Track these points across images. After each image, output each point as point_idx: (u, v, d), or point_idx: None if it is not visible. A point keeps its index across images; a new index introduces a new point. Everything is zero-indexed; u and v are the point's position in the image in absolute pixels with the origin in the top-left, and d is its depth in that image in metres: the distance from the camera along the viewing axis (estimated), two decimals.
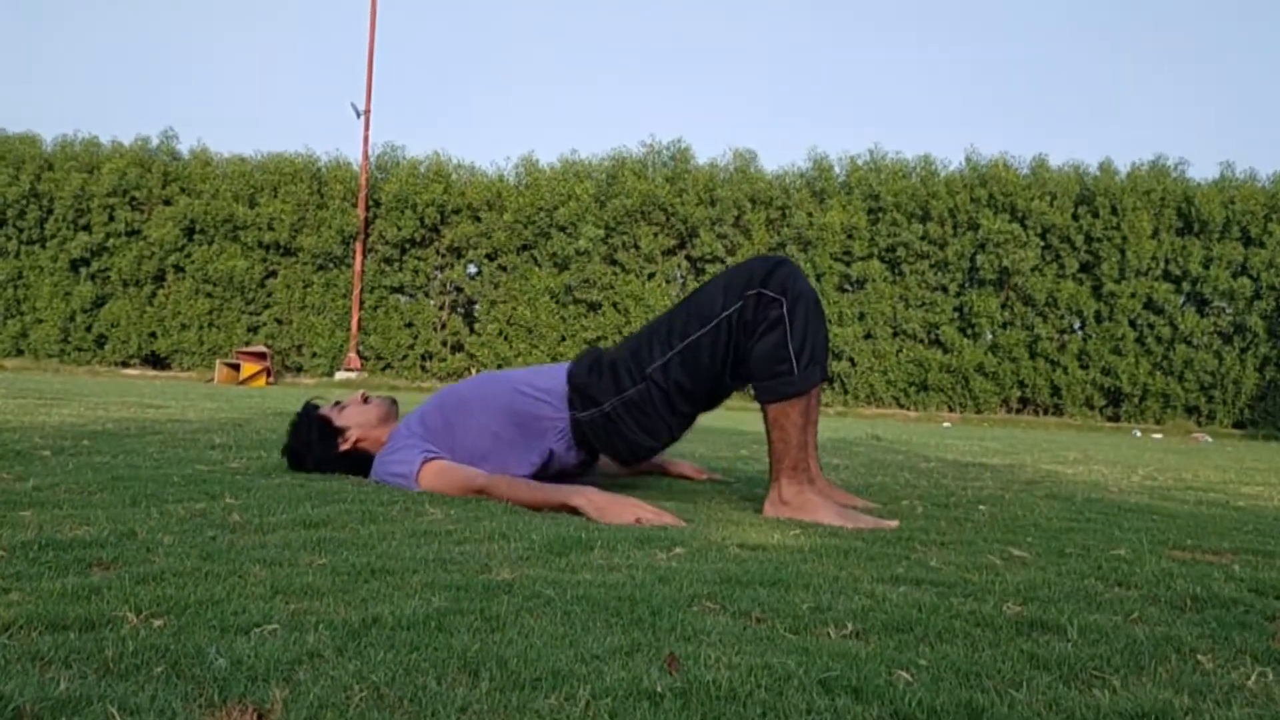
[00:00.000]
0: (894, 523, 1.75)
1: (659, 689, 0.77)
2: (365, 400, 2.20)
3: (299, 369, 14.23)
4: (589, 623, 0.96)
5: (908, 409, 13.05)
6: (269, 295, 14.35)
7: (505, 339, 13.84)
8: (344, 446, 2.14)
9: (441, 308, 14.29)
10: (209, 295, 14.32)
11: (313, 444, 2.14)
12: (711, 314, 1.88)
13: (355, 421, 2.16)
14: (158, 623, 0.89)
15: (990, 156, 13.39)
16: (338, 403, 2.22)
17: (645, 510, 1.66)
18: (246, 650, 0.81)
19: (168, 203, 14.51)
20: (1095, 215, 12.82)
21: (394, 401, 2.23)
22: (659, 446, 2.00)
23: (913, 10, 45.57)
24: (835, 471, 2.90)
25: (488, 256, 14.01)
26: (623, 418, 1.94)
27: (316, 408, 2.21)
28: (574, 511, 1.71)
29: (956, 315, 13.13)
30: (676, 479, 2.46)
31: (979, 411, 12.93)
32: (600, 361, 2.00)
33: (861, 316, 13.19)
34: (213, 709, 0.70)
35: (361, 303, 14.06)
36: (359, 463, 2.14)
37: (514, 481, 1.85)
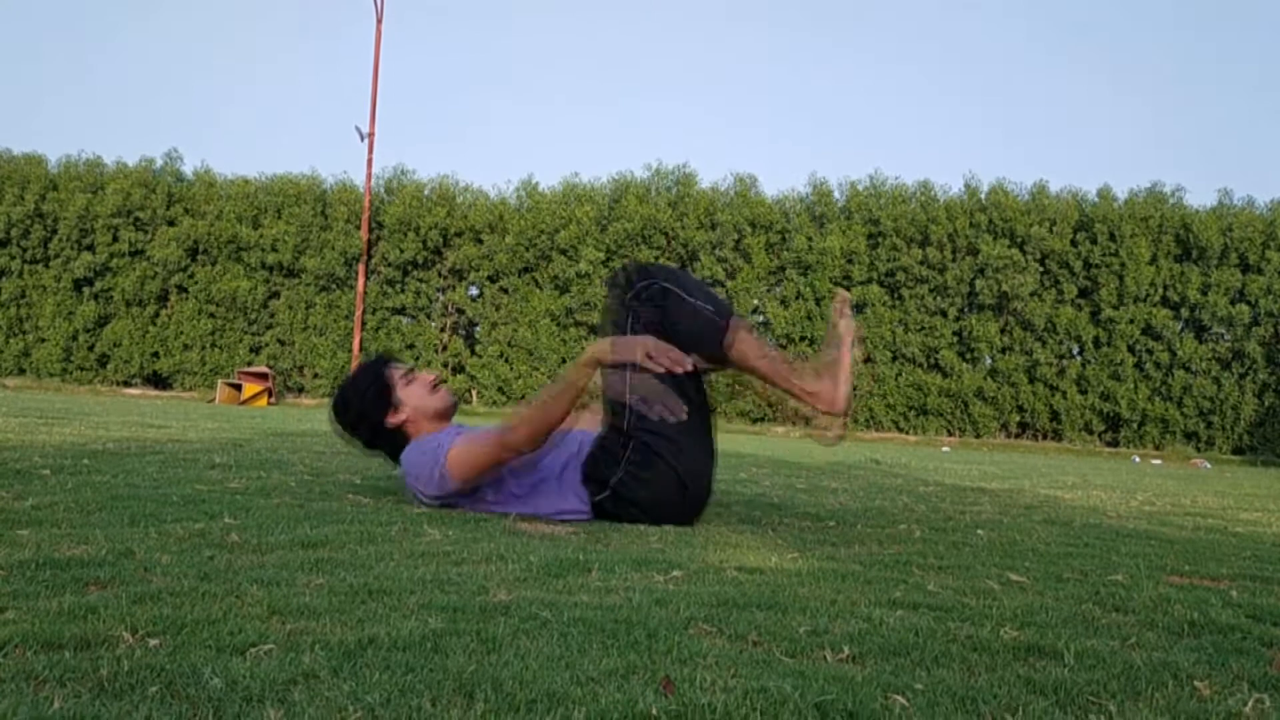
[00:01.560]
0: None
1: (654, 712, 0.76)
2: (435, 388, 2.10)
3: (301, 389, 14.23)
4: (585, 645, 0.96)
5: (907, 433, 13.04)
6: (271, 316, 14.39)
7: (506, 361, 13.86)
8: (392, 419, 2.05)
9: (443, 329, 14.32)
10: (212, 316, 14.36)
11: (366, 398, 2.05)
12: (620, 332, 1.95)
13: (415, 403, 2.06)
14: (154, 642, 0.89)
15: (990, 183, 13.49)
16: (411, 371, 2.12)
17: (649, 345, 1.76)
18: (242, 670, 0.81)
19: (171, 223, 14.59)
20: (1094, 241, 12.88)
21: (457, 402, 2.15)
22: (675, 495, 1.95)
23: (914, 39, 46.07)
24: (834, 495, 2.90)
25: (489, 279, 14.06)
26: (630, 487, 1.93)
27: (388, 364, 2.11)
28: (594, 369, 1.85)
29: (956, 340, 13.15)
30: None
31: (978, 436, 12.91)
32: (595, 449, 1.99)
33: (861, 340, 13.21)
34: None
35: (363, 324, 14.09)
36: (394, 442, 2.06)
37: (528, 411, 1.88)
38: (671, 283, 1.96)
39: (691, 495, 1.97)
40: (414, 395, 2.07)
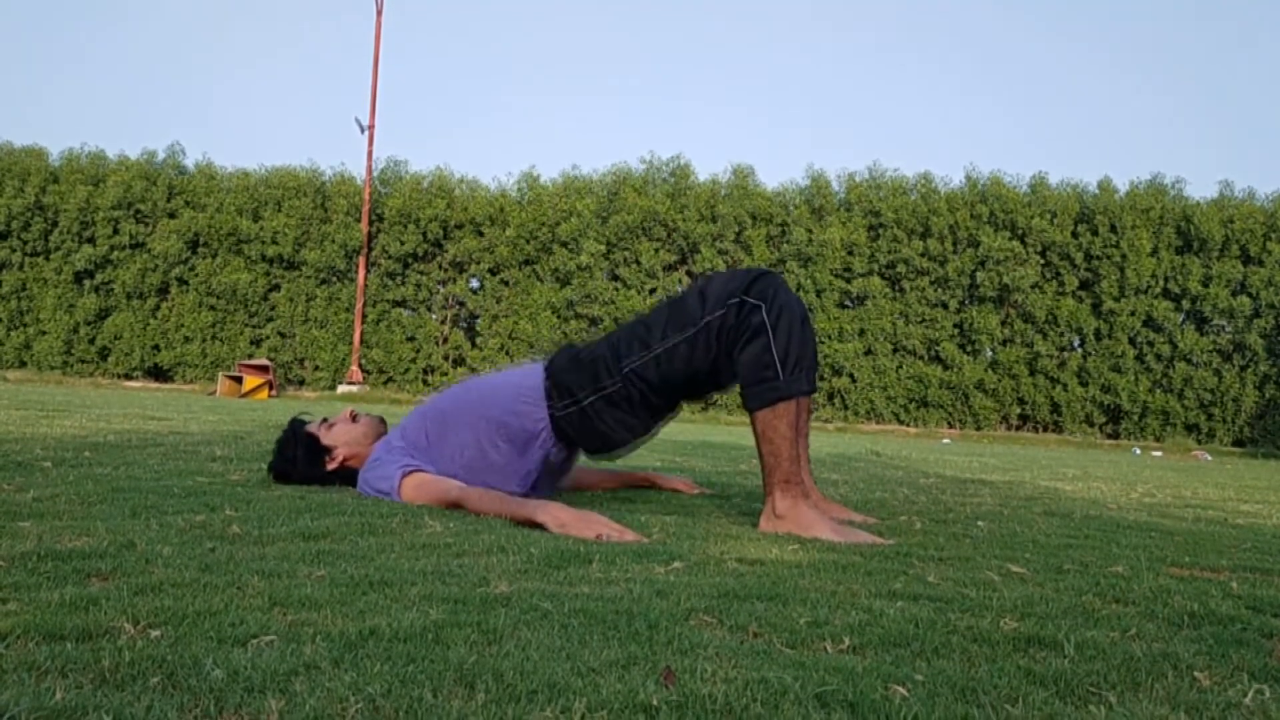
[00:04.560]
0: (889, 541, 1.75)
1: (655, 702, 0.77)
2: (354, 418, 2.20)
3: (301, 382, 14.24)
4: (586, 636, 0.96)
5: (908, 425, 13.04)
6: (272, 308, 14.39)
7: (507, 353, 13.85)
8: (331, 465, 2.15)
9: (443, 322, 14.32)
10: (212, 308, 14.35)
11: (298, 462, 2.14)
12: (692, 321, 1.90)
13: (343, 440, 2.17)
14: (155, 633, 0.89)
15: (989, 174, 13.46)
16: (325, 420, 2.23)
17: (609, 527, 1.65)
18: (243, 661, 0.82)
19: (172, 216, 14.57)
20: (1095, 233, 12.86)
21: (382, 420, 2.24)
22: (631, 439, 2.02)
23: (912, 30, 45.87)
24: (834, 487, 2.90)
25: (490, 271, 14.05)
26: (599, 413, 1.96)
27: (303, 424, 2.20)
28: (538, 526, 1.71)
29: (956, 332, 13.14)
30: (670, 493, 2.46)
31: (979, 428, 12.91)
32: (579, 356, 2.01)
33: (862, 333, 13.20)
34: None
35: (364, 316, 14.08)
36: (346, 480, 2.15)
37: (485, 494, 1.86)
38: (776, 320, 1.82)
39: (616, 447, 2.04)
40: (340, 434, 2.17)
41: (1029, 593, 1.30)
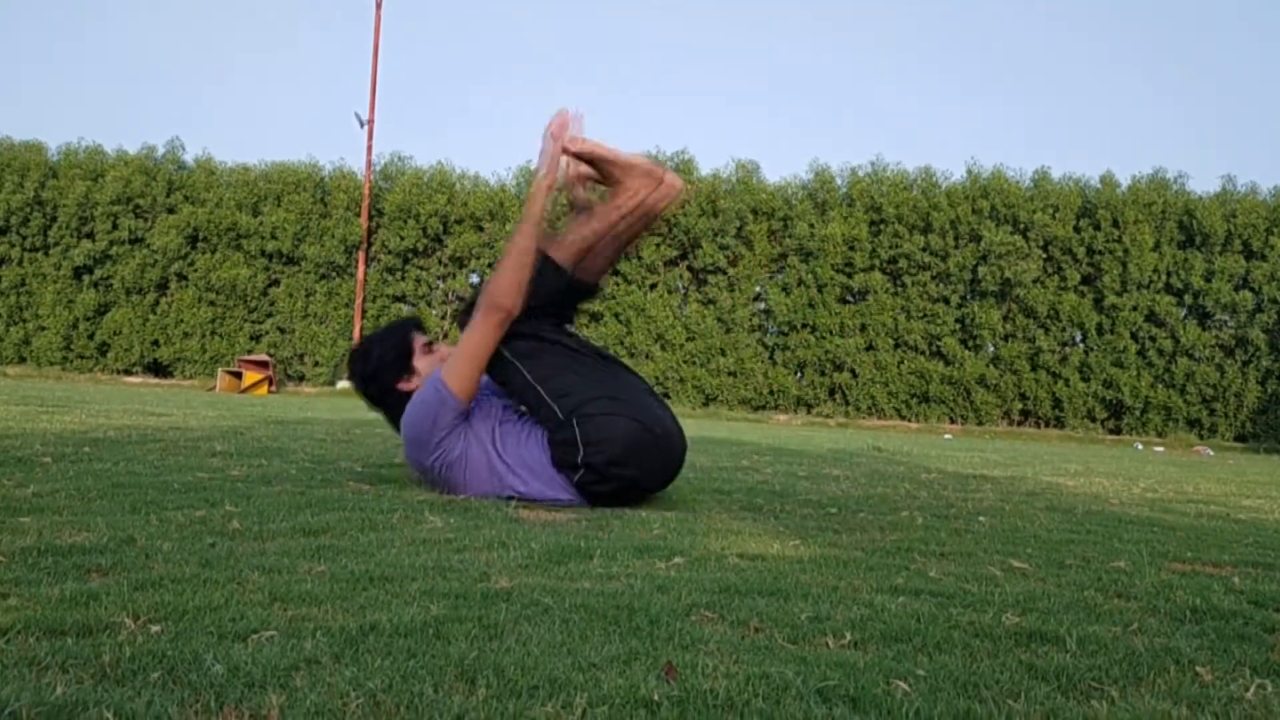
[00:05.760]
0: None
1: (656, 697, 0.77)
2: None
3: (301, 378, 14.24)
4: (587, 631, 0.96)
5: (909, 420, 13.04)
6: (271, 304, 14.38)
7: None
8: (404, 386, 2.10)
9: (444, 317, 14.31)
10: (212, 304, 14.35)
11: (385, 360, 2.11)
12: (500, 358, 2.01)
13: (428, 374, 2.10)
14: (155, 629, 0.89)
15: (991, 169, 13.42)
16: (431, 343, 2.17)
17: (549, 150, 1.96)
18: (244, 657, 0.81)
19: (171, 211, 14.55)
20: (1097, 228, 12.84)
21: None
22: (644, 440, 2.00)
23: (915, 26, 45.77)
24: (836, 483, 2.90)
25: (490, 266, 14.04)
26: (602, 450, 1.95)
27: (414, 329, 2.17)
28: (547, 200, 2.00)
29: (958, 327, 13.13)
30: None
31: (980, 423, 12.91)
32: (554, 449, 2.02)
33: (863, 328, 13.19)
34: (209, 715, 0.70)
35: (364, 312, 14.08)
36: (399, 405, 2.10)
37: (501, 278, 1.99)
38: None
39: (661, 437, 2.01)
40: (429, 366, 2.13)
41: (1031, 588, 1.30)
